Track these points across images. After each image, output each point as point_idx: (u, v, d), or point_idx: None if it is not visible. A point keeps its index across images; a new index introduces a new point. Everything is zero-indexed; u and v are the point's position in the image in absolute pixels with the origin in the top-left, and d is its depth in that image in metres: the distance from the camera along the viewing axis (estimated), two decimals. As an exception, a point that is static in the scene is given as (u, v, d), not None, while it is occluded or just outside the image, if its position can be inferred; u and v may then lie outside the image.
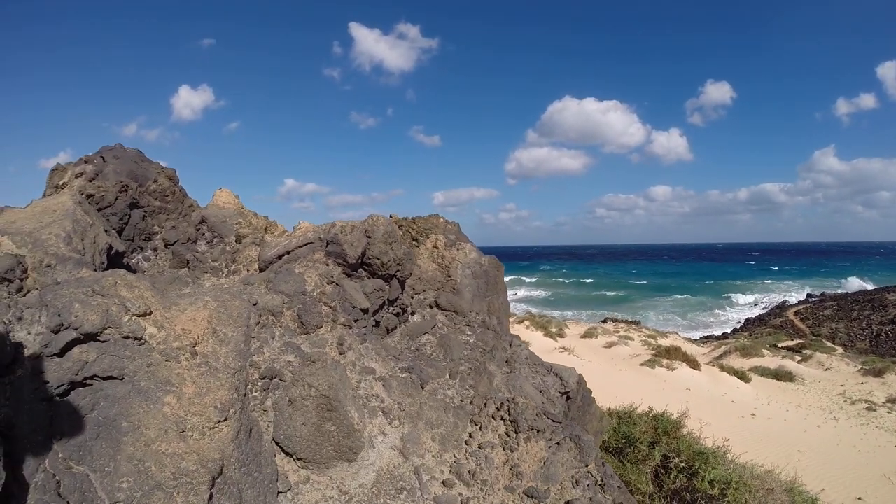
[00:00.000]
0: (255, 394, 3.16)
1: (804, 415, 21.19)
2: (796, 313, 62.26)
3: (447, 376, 3.99)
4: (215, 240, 5.27)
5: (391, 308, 4.21)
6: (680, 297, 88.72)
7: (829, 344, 41.39)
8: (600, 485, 3.74)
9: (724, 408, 20.01)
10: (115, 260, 4.73)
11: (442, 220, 5.90)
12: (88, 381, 2.84)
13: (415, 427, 3.45)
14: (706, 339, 49.06)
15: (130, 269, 5.06)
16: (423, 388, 3.76)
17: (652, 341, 32.22)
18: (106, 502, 2.46)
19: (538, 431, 3.70)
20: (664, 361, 23.53)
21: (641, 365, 23.92)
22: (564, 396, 4.56)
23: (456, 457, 3.46)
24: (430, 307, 4.64)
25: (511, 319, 30.92)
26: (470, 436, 3.61)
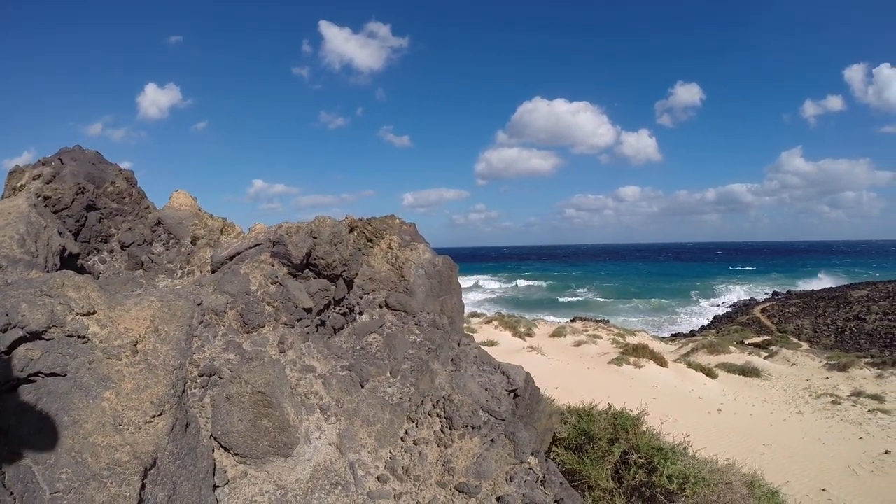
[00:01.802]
0: (194, 391, 3.26)
1: (770, 409, 21.53)
2: (763, 310, 63.30)
3: (388, 374, 4.12)
4: (171, 241, 5.34)
5: (338, 308, 4.32)
6: (649, 295, 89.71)
7: (795, 340, 42.10)
8: (541, 481, 3.87)
9: (690, 404, 20.25)
10: (68, 262, 4.80)
11: (398, 220, 6.01)
12: (33, 378, 2.93)
13: (351, 424, 3.57)
14: (674, 337, 49.67)
15: (85, 271, 5.12)
16: (362, 386, 3.88)
17: (620, 340, 32.54)
18: (47, 492, 2.56)
19: (473, 428, 3.82)
20: (632, 359, 23.83)
21: (609, 363, 24.16)
22: (512, 394, 4.70)
23: (391, 453, 3.58)
24: (380, 307, 4.75)
25: (480, 320, 31.06)
26: (406, 432, 3.73)
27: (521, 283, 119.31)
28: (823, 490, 12.77)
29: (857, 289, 65.38)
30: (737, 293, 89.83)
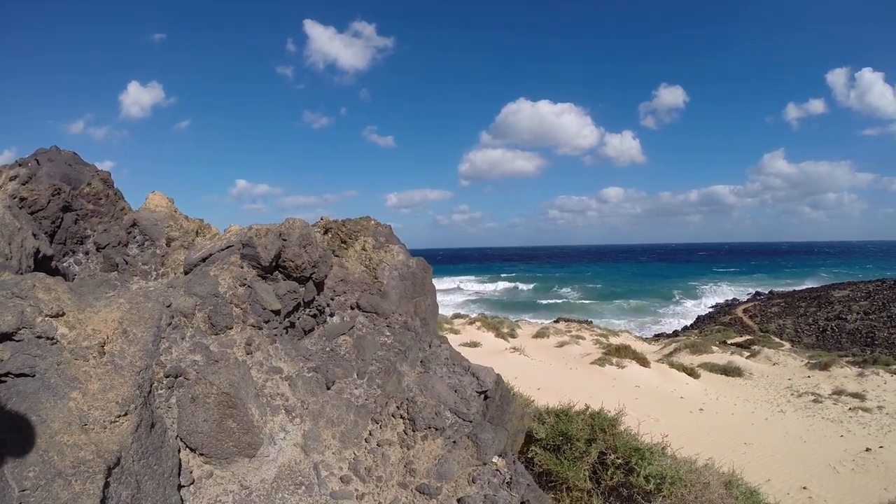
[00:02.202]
0: (160, 391, 3.31)
1: (752, 408, 21.71)
2: (745, 311, 63.85)
3: (355, 376, 4.17)
4: (146, 243, 5.37)
5: (308, 310, 4.37)
6: (632, 296, 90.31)
7: (777, 340, 42.51)
8: (507, 482, 3.94)
9: (672, 404, 20.36)
10: (42, 263, 4.82)
11: (373, 222, 6.06)
12: (3, 378, 2.97)
13: (316, 425, 3.63)
14: (657, 338, 50.02)
15: (60, 273, 5.14)
16: (329, 388, 3.93)
17: (603, 340, 32.71)
18: (15, 490, 2.61)
19: (436, 430, 3.89)
20: (614, 360, 23.97)
21: (592, 363, 24.27)
22: (482, 396, 4.76)
23: (355, 454, 3.64)
24: (352, 308, 4.80)
25: (463, 321, 31.12)
26: (370, 433, 3.79)
27: (505, 284, 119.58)
28: (804, 488, 12.90)
29: (838, 289, 66.07)
30: (719, 294, 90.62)
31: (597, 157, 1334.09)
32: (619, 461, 7.02)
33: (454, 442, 3.84)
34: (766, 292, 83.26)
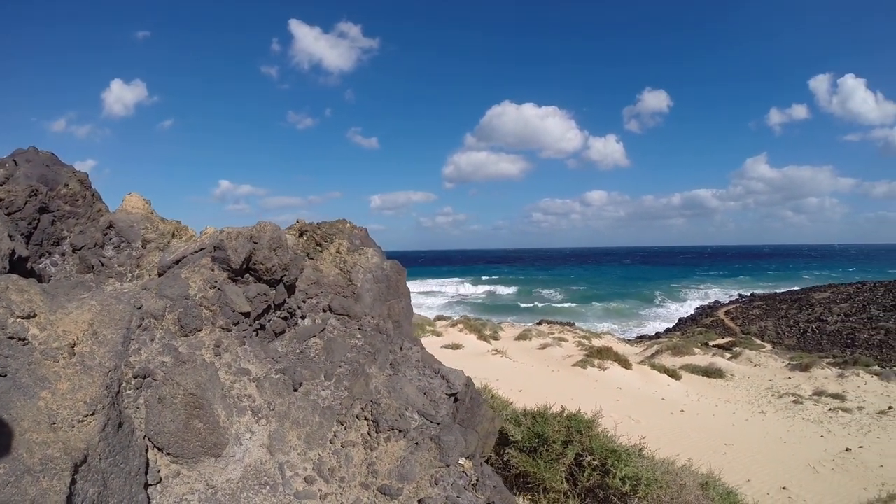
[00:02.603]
0: (129, 392, 3.38)
1: (733, 409, 21.86)
2: (727, 313, 64.45)
3: (322, 378, 4.25)
4: (122, 245, 5.41)
5: (278, 312, 4.44)
6: (616, 298, 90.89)
7: (759, 341, 42.84)
8: (473, 484, 4.03)
9: (653, 405, 20.45)
10: (18, 265, 4.86)
11: (349, 225, 6.13)
12: (-26, 378, 3.05)
13: (282, 426, 3.71)
14: (640, 340, 50.38)
15: (36, 275, 5.18)
16: (296, 390, 4.01)
17: (586, 342, 32.83)
18: (-15, 486, 2.69)
19: (399, 431, 3.97)
20: (596, 362, 24.07)
21: (573, 366, 24.33)
22: (452, 398, 4.84)
23: (320, 455, 3.71)
24: (324, 311, 4.87)
25: (446, 323, 31.16)
26: (335, 435, 3.86)
27: (489, 286, 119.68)
28: (784, 488, 13.04)
29: (818, 291, 66.90)
30: (702, 296, 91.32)
31: (581, 161, 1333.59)
32: (596, 463, 7.08)
33: (417, 444, 3.92)
34: (748, 295, 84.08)
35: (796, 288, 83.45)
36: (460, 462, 4.08)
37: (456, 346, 24.07)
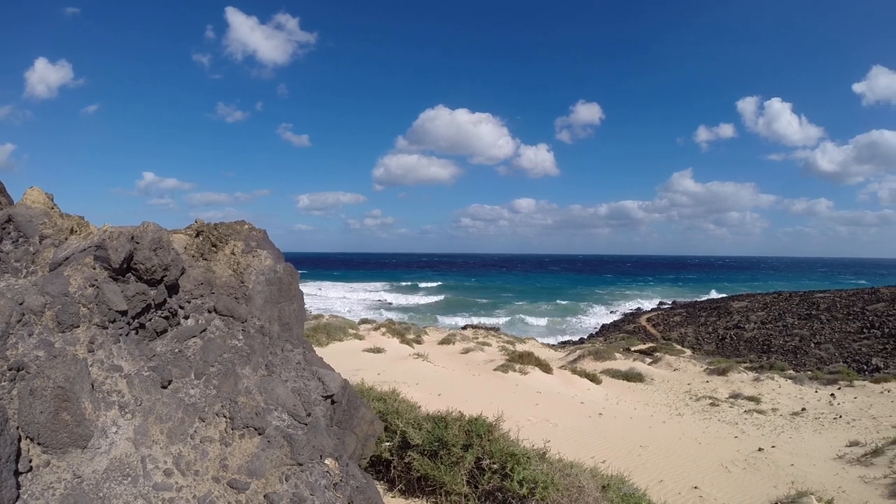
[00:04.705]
0: (3, 383, 3.44)
1: (651, 412, 22.39)
2: (649, 319, 66.53)
3: (192, 376, 4.32)
4: (20, 240, 5.31)
5: (159, 312, 4.49)
6: (542, 304, 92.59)
7: (679, 347, 44.36)
8: (335, 484, 4.17)
9: (572, 408, 20.71)
10: None
11: (247, 226, 6.15)
12: None
13: (146, 421, 3.78)
14: (564, 345, 51.50)
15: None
16: (165, 387, 4.09)
17: (509, 347, 33.24)
18: None
19: (255, 429, 4.08)
20: (517, 366, 24.38)
21: (495, 370, 24.55)
22: (329, 400, 4.97)
23: (180, 449, 3.79)
24: (209, 312, 4.92)
25: (369, 326, 31.08)
26: (195, 430, 3.95)
27: (415, 290, 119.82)
28: (695, 487, 13.38)
29: (737, 300, 69.74)
30: (625, 303, 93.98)
31: (511, 168, 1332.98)
32: (496, 466, 7.22)
33: (269, 441, 4.06)
34: (670, 303, 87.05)
35: (716, 296, 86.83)
36: (326, 462, 4.21)
37: (377, 350, 24.06)
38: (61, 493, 3.29)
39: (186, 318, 4.74)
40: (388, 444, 7.83)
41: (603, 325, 70.16)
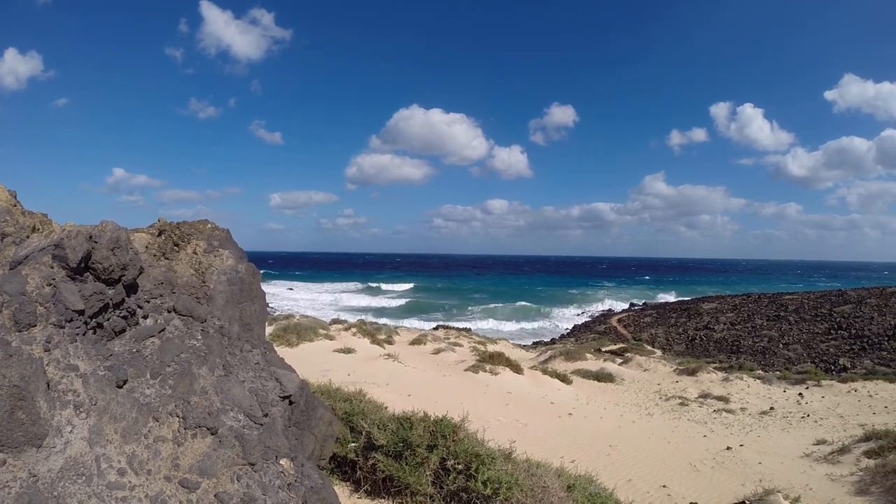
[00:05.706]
0: (-40, 381, 3.47)
1: (621, 412, 22.53)
2: (619, 320, 67.27)
3: (148, 376, 4.35)
4: (-18, 238, 5.30)
5: (118, 311, 4.50)
6: (513, 305, 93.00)
7: (649, 347, 44.88)
8: (289, 484, 4.22)
9: (542, 409, 20.75)
10: None
11: (210, 225, 6.14)
12: None
13: (100, 420, 3.80)
14: (535, 345, 51.81)
15: None
16: (120, 387, 4.11)
17: (480, 348, 33.27)
18: None
19: (207, 429, 4.13)
20: (488, 367, 24.42)
21: (466, 370, 24.55)
22: (286, 400, 5.01)
23: (134, 449, 3.82)
24: (168, 312, 4.93)
25: (340, 326, 30.97)
26: (149, 430, 3.98)
27: (387, 291, 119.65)
28: (664, 486, 13.36)
29: (707, 301, 70.88)
30: (596, 304, 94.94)
31: (484, 169, 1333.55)
32: (460, 466, 7.24)
33: (220, 441, 4.10)
34: (640, 304, 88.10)
35: (686, 298, 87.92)
36: (280, 462, 4.27)
37: (348, 350, 23.97)
38: (17, 491, 3.30)
39: (145, 317, 4.75)
40: (353, 444, 7.86)
41: (574, 326, 70.59)
